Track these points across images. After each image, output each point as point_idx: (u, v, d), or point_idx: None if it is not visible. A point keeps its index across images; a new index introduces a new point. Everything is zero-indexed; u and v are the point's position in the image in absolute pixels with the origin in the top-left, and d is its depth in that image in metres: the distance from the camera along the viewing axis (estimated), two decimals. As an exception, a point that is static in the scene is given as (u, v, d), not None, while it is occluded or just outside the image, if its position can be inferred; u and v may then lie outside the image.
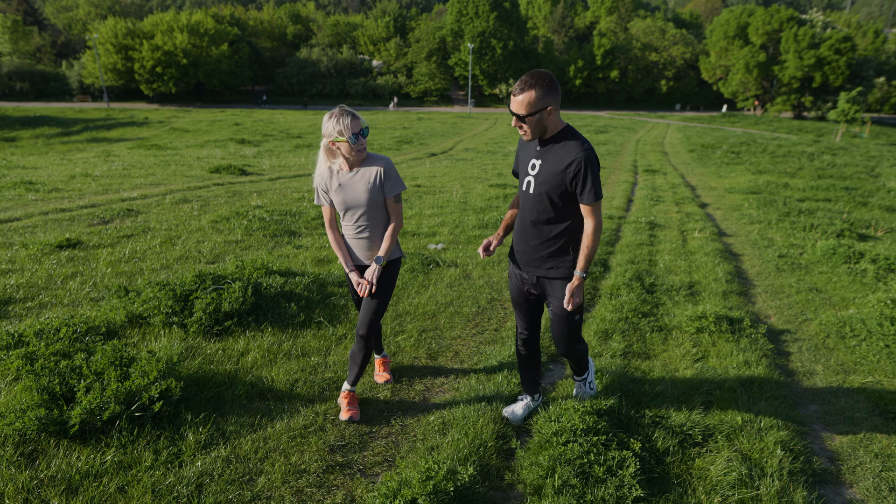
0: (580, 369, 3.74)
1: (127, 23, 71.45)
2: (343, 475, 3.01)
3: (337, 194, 3.39)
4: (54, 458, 2.90)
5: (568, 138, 3.03)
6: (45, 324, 4.28)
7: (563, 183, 3.01)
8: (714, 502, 2.85)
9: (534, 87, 2.89)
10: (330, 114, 3.23)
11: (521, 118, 2.96)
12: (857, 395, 4.35)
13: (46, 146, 41.72)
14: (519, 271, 3.38)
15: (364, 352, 3.50)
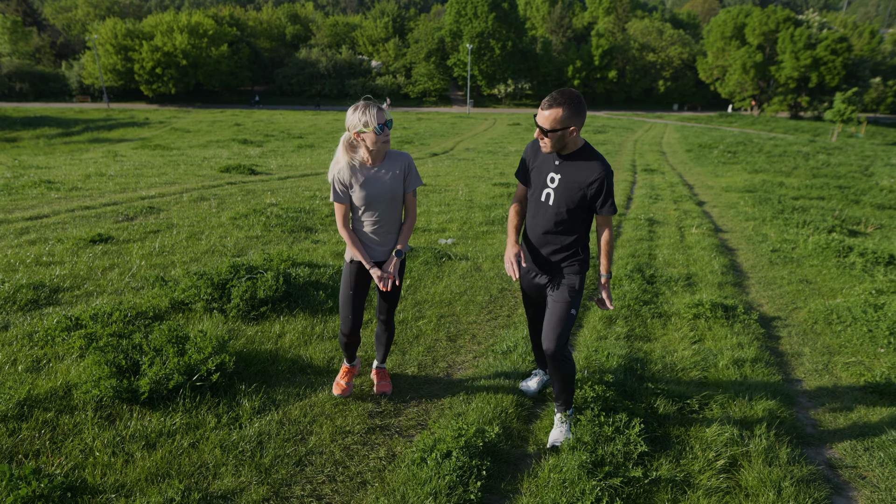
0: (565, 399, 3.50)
1: (127, 23, 71.71)
2: (383, 435, 3.42)
3: (361, 189, 3.36)
4: (130, 420, 3.30)
5: (588, 156, 3.20)
6: (98, 309, 4.68)
7: (584, 198, 3.20)
8: (709, 457, 3.26)
9: (562, 105, 3.02)
10: (354, 106, 3.26)
11: (545, 132, 3.11)
12: (840, 372, 4.77)
13: (49, 146, 42.04)
14: (532, 277, 3.55)
15: (387, 333, 3.80)
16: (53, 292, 5.28)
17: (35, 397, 3.43)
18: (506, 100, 74.74)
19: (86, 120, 58.13)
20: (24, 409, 3.32)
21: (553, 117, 3.04)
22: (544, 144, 3.19)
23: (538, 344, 3.95)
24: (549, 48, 76.95)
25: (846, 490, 3.27)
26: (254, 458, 3.08)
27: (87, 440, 3.10)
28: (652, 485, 3.03)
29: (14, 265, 6.00)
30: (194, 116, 60.82)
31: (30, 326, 4.48)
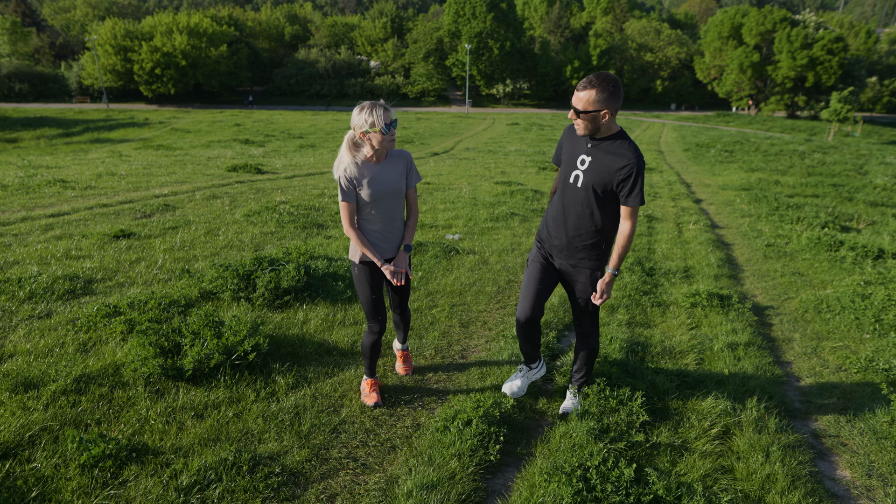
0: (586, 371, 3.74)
1: (126, 24, 71.90)
2: (407, 408, 3.74)
3: (368, 186, 3.43)
4: (178, 395, 3.62)
5: (622, 142, 3.20)
6: (133, 298, 5.01)
7: (611, 182, 3.18)
8: (704, 426, 3.60)
9: (596, 87, 3.05)
10: (360, 106, 3.33)
11: (578, 112, 3.15)
12: (827, 356, 5.10)
13: (51, 147, 42.23)
14: (547, 254, 3.56)
15: (403, 318, 3.99)
16: (87, 283, 5.60)
17: (89, 374, 3.75)
18: (504, 100, 75.09)
19: (86, 120, 58.26)
20: (80, 385, 3.64)
21: (587, 98, 3.08)
22: (578, 126, 3.23)
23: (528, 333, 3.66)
24: (548, 48, 77.30)
25: (829, 455, 3.60)
26: (293, 426, 3.41)
27: (141, 411, 3.43)
28: (652, 448, 3.36)
29: (46, 259, 6.32)
30: (194, 117, 61.03)
31: (71, 314, 4.80)
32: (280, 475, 2.96)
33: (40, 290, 5.22)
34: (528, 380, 3.82)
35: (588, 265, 3.43)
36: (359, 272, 3.60)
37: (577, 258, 3.43)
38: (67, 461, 2.91)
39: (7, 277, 5.49)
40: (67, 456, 2.94)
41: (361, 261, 3.57)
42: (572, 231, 3.38)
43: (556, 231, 3.46)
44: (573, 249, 3.42)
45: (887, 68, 74.94)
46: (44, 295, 5.16)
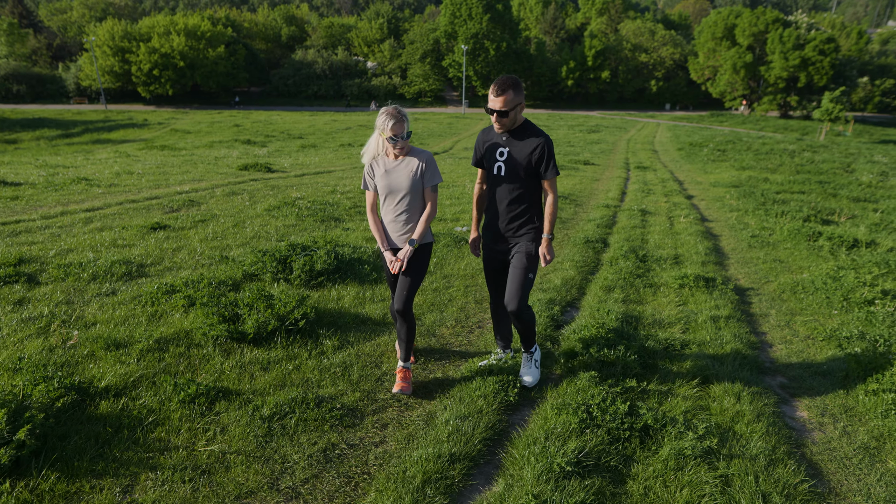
0: (528, 341, 4.11)
1: (124, 25, 72.27)
2: (437, 363, 4.42)
3: (382, 179, 3.77)
4: (244, 353, 4.29)
5: (529, 129, 3.75)
6: (186, 278, 5.67)
7: (530, 164, 3.70)
8: (687, 378, 4.28)
9: (510, 88, 3.56)
10: (385, 110, 3.69)
11: (503, 114, 3.62)
12: (798, 328, 5.80)
13: (52, 148, 42.66)
14: (494, 245, 4.01)
15: (406, 326, 3.88)
16: (140, 267, 6.25)
17: (166, 337, 4.42)
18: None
19: (84, 121, 58.58)
20: (161, 345, 4.30)
21: (505, 99, 3.57)
22: (501, 125, 3.70)
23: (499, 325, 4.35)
24: (543, 49, 78.08)
25: (790, 400, 4.29)
26: (344, 375, 4.08)
27: (216, 364, 4.10)
28: (643, 392, 4.05)
29: (96, 247, 6.97)
30: (192, 117, 61.50)
31: (133, 292, 5.46)
32: (340, 409, 3.64)
33: (101, 273, 5.88)
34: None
35: (526, 238, 3.87)
36: (383, 257, 4.05)
37: (516, 237, 3.90)
38: (169, 398, 3.58)
39: (69, 262, 6.14)
40: (167, 395, 3.61)
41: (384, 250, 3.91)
42: (507, 216, 3.86)
43: (495, 220, 3.93)
44: (511, 231, 3.89)
45: (878, 68, 75.89)
46: (105, 276, 5.82)
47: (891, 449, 3.66)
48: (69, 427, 3.21)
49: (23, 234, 7.47)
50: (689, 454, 3.28)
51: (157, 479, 2.90)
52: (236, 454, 3.13)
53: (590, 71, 76.45)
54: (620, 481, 3.13)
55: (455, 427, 3.47)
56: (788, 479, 3.17)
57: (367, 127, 49.01)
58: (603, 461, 3.23)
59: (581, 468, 3.12)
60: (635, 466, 3.24)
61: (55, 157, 23.89)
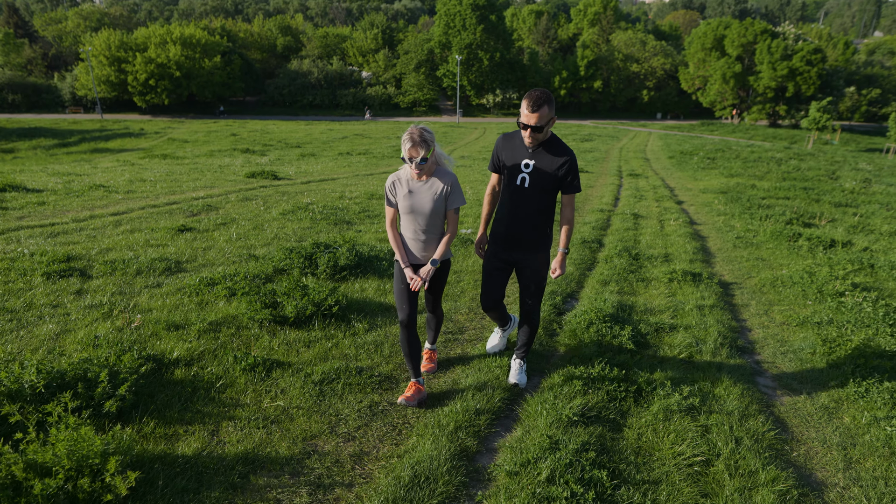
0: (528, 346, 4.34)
1: (121, 35, 72.79)
2: (456, 342, 5.04)
3: (405, 199, 3.78)
4: (286, 333, 4.89)
5: (557, 143, 3.78)
6: (223, 273, 6.26)
7: (556, 178, 3.74)
8: (675, 351, 4.92)
9: (545, 103, 3.55)
10: (408, 131, 3.67)
11: (537, 129, 3.62)
12: (775, 315, 6.44)
13: (51, 157, 43.05)
14: (503, 252, 4.06)
15: (436, 319, 4.33)
16: (177, 263, 6.84)
17: (217, 321, 5.02)
18: (494, 109, 76.72)
19: (81, 131, 58.87)
20: (214, 327, 4.90)
21: (541, 115, 3.56)
22: (534, 139, 3.70)
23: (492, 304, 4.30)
24: (536, 59, 79.13)
25: (764, 373, 4.93)
26: (377, 351, 4.70)
27: (264, 342, 4.70)
28: (636, 363, 4.67)
29: (133, 247, 7.56)
30: (188, 127, 61.92)
31: (177, 284, 6.05)
32: (378, 377, 4.25)
33: (144, 268, 6.47)
34: (504, 337, 4.73)
35: (541, 249, 3.99)
36: (396, 266, 4.01)
37: (530, 247, 3.97)
38: (232, 367, 4.18)
39: (112, 259, 6.73)
40: (229, 364, 4.22)
41: (397, 259, 4.00)
42: (526, 225, 3.90)
43: (510, 229, 3.96)
44: (527, 241, 3.95)
45: (865, 78, 77.24)
46: (148, 271, 6.41)
47: (847, 409, 4.29)
48: (153, 388, 3.81)
49: (61, 236, 8.05)
50: (675, 409, 3.91)
51: (235, 426, 3.50)
52: (297, 409, 3.74)
53: (582, 81, 77.47)
54: (617, 429, 3.75)
55: (478, 389, 4.08)
56: (758, 428, 3.80)
57: (362, 136, 49.67)
58: (603, 414, 3.85)
59: (585, 419, 3.75)
60: (630, 418, 3.86)
61: (63, 165, 24.38)
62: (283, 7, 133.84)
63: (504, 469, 3.22)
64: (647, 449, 3.56)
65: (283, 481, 3.05)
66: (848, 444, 3.81)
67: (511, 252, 4.04)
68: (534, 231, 3.92)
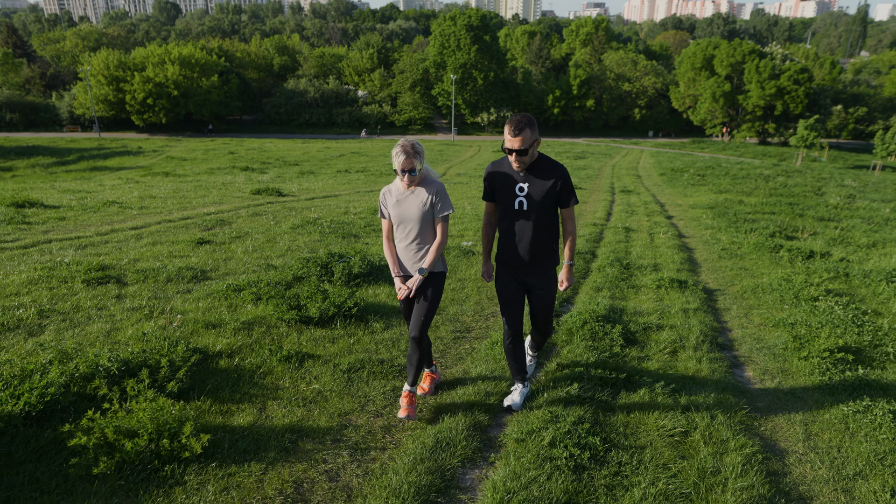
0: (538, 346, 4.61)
1: (119, 55, 73.64)
2: (464, 340, 5.60)
3: (394, 208, 3.93)
4: (312, 332, 5.44)
5: (547, 162, 3.85)
6: (248, 280, 6.81)
7: (553, 195, 3.81)
8: (661, 346, 5.49)
9: (526, 126, 3.63)
10: (396, 146, 3.80)
11: (522, 152, 3.69)
12: (754, 317, 7.03)
13: (51, 175, 43.48)
14: (515, 276, 4.10)
15: (419, 353, 4.04)
16: (202, 272, 7.39)
17: (248, 321, 5.56)
18: (488, 127, 77.78)
19: (79, 149, 59.35)
20: (246, 326, 5.45)
21: (523, 138, 3.64)
22: (521, 163, 3.77)
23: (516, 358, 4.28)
24: (530, 78, 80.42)
25: (742, 366, 5.50)
26: (394, 346, 5.25)
27: (293, 339, 5.24)
28: (625, 355, 5.24)
29: (158, 257, 8.10)
30: (186, 145, 62.54)
31: (205, 290, 6.59)
32: (397, 367, 4.80)
33: (174, 276, 7.01)
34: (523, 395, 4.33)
35: (548, 269, 4.07)
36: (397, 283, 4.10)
37: (538, 268, 4.03)
38: (269, 358, 4.73)
39: (142, 268, 7.27)
40: (266, 356, 4.76)
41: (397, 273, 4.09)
42: (530, 248, 3.94)
43: (515, 253, 4.00)
44: (534, 262, 4.00)
45: (852, 97, 78.75)
46: (178, 279, 6.95)
47: (811, 394, 4.86)
48: (204, 375, 4.35)
49: (89, 248, 8.59)
50: (659, 392, 4.47)
51: (279, 404, 4.05)
52: (330, 391, 4.29)
53: (575, 99, 78.68)
54: (609, 408, 4.31)
55: (488, 374, 4.64)
56: (731, 408, 4.37)
57: (359, 154, 50.48)
58: (596, 396, 4.41)
59: (581, 399, 4.31)
60: (619, 400, 4.43)
61: (70, 182, 24.90)
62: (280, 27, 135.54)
63: (512, 437, 3.78)
64: (634, 423, 4.11)
65: (326, 445, 3.60)
66: (809, 421, 4.38)
67: (521, 276, 4.07)
68: (540, 251, 3.96)
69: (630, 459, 3.60)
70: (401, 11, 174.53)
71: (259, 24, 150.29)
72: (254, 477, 3.21)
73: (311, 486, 3.22)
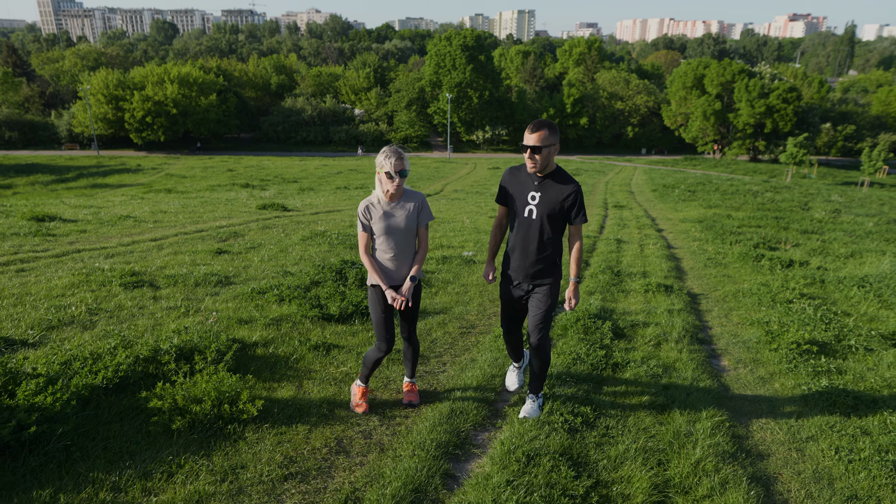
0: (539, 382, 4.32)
1: (118, 74, 74.52)
2: (469, 335, 6.24)
3: (380, 221, 3.97)
4: (335, 327, 6.07)
5: (562, 175, 3.93)
6: (269, 284, 7.43)
7: (562, 209, 3.87)
8: (646, 339, 6.13)
9: (544, 127, 3.72)
10: (384, 150, 3.88)
11: (537, 150, 3.74)
12: (733, 317, 7.69)
13: (52, 193, 44.01)
14: (515, 284, 4.16)
15: (412, 349, 4.42)
16: (226, 278, 8.01)
17: (276, 317, 6.18)
18: (484, 145, 78.85)
19: (78, 167, 59.91)
20: (275, 321, 6.07)
21: (540, 136, 3.73)
22: (533, 163, 3.83)
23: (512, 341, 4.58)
24: (524, 97, 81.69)
25: (719, 357, 6.15)
26: (408, 339, 5.87)
27: (318, 333, 5.87)
28: (615, 349, 5.88)
29: (182, 265, 8.72)
30: (184, 163, 63.23)
31: (232, 293, 7.21)
32: (413, 355, 5.43)
33: (201, 281, 7.63)
34: (521, 376, 4.78)
35: (549, 280, 4.11)
36: (371, 293, 4.15)
37: (539, 277, 4.09)
38: (299, 347, 5.35)
39: (171, 274, 7.89)
40: (296, 346, 5.38)
41: (372, 284, 4.13)
42: (534, 256, 4.02)
43: (520, 260, 4.09)
44: (536, 271, 4.06)
45: (840, 115, 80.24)
46: (205, 283, 7.57)
47: (777, 379, 5.51)
48: (245, 360, 4.97)
49: (116, 257, 9.20)
50: (643, 374, 5.11)
51: (313, 383, 4.67)
52: (356, 373, 4.91)
53: (569, 117, 79.93)
54: (599, 387, 4.94)
55: (492, 362, 5.27)
56: (706, 387, 5.01)
57: (357, 171, 51.27)
58: (588, 376, 5.04)
59: (574, 380, 4.94)
60: (608, 381, 5.07)
61: (78, 199, 25.48)
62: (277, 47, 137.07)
63: (515, 408, 4.40)
64: (621, 398, 4.75)
65: (358, 414, 4.21)
66: (773, 398, 5.02)
67: (523, 281, 4.13)
68: (542, 261, 4.03)
69: (616, 424, 4.24)
70: (396, 31, 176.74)
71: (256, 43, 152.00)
72: (301, 434, 3.83)
73: (350, 441, 3.84)
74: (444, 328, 6.35)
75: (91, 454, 3.37)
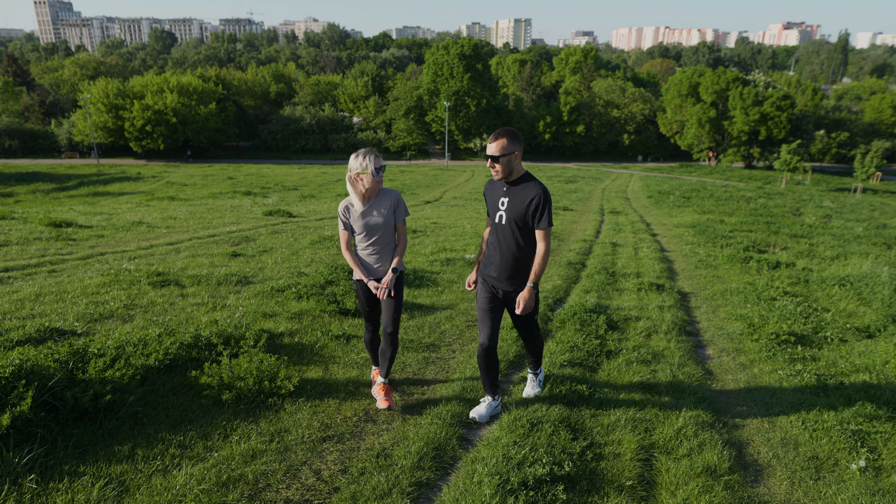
0: (536, 363, 4.71)
1: (119, 83, 75.14)
2: (474, 330, 6.76)
3: (359, 219, 4.20)
4: (352, 320, 6.59)
5: (528, 180, 3.99)
6: (286, 283, 7.96)
7: (527, 213, 3.93)
8: (637, 332, 6.68)
9: (504, 136, 3.85)
10: (356, 153, 4.07)
11: (496, 159, 3.88)
12: (720, 313, 8.23)
13: (54, 201, 44.46)
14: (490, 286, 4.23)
15: (392, 347, 4.40)
16: (245, 278, 8.54)
17: (297, 312, 6.71)
18: (481, 153, 79.57)
19: (78, 175, 60.33)
20: (296, 315, 6.59)
21: (500, 145, 3.86)
22: (496, 171, 3.97)
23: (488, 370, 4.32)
24: (521, 105, 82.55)
25: (704, 347, 6.70)
26: (420, 330, 6.41)
27: (336, 325, 6.39)
28: (609, 339, 6.42)
29: (202, 266, 9.24)
30: (184, 171, 63.70)
31: (252, 291, 7.73)
32: (424, 344, 5.96)
33: (222, 280, 8.16)
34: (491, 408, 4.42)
35: (523, 283, 4.13)
36: (357, 287, 4.47)
37: (514, 282, 4.13)
38: (322, 337, 5.88)
39: (193, 274, 8.42)
40: (319, 336, 5.91)
41: (356, 279, 4.42)
42: (507, 261, 4.10)
43: (494, 265, 4.18)
44: (510, 276, 4.12)
45: (834, 122, 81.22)
46: (226, 283, 8.10)
47: (757, 364, 6.05)
48: (275, 348, 5.50)
49: (138, 259, 9.73)
50: (633, 360, 5.66)
51: (338, 367, 5.20)
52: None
53: (565, 125, 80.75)
54: (594, 371, 5.48)
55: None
56: (691, 371, 5.55)
57: (356, 179, 51.85)
58: (585, 362, 5.58)
59: (572, 365, 5.48)
60: (602, 366, 5.60)
61: (85, 206, 25.99)
62: (275, 56, 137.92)
63: (519, 388, 4.94)
64: (614, 380, 5.29)
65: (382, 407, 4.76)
66: (752, 381, 5.56)
67: (497, 286, 4.19)
68: (514, 266, 4.09)
69: (609, 399, 4.77)
70: (393, 40, 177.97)
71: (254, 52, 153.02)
72: (333, 406, 4.37)
73: (376, 412, 4.38)
74: (452, 321, 6.88)
75: (156, 420, 3.90)
